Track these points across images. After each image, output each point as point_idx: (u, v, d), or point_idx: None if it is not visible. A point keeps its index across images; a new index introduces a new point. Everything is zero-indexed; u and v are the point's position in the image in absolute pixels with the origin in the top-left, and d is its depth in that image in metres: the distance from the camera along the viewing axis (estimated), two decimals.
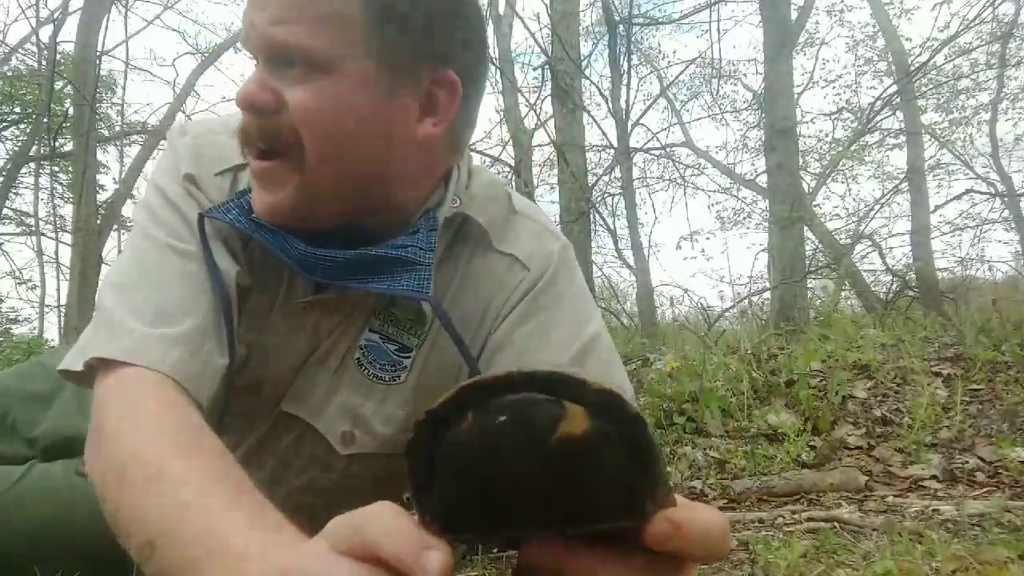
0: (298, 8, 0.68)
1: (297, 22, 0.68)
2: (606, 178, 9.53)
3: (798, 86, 9.81)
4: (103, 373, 0.69)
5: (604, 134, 9.80)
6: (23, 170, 11.15)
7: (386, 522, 0.34)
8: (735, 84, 12.45)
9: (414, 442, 0.33)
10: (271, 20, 0.68)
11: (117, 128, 10.91)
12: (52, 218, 12.22)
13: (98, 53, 7.51)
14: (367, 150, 0.75)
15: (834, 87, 11.94)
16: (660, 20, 10.51)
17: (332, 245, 0.75)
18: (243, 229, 0.76)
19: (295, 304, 0.81)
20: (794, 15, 8.24)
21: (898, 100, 8.89)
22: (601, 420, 0.31)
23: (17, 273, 11.55)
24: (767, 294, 7.32)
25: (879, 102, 8.86)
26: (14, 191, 11.36)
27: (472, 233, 0.84)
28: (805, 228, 7.12)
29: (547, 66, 7.62)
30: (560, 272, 0.85)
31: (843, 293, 6.94)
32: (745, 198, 12.24)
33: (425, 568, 0.32)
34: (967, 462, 1.65)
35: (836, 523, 1.23)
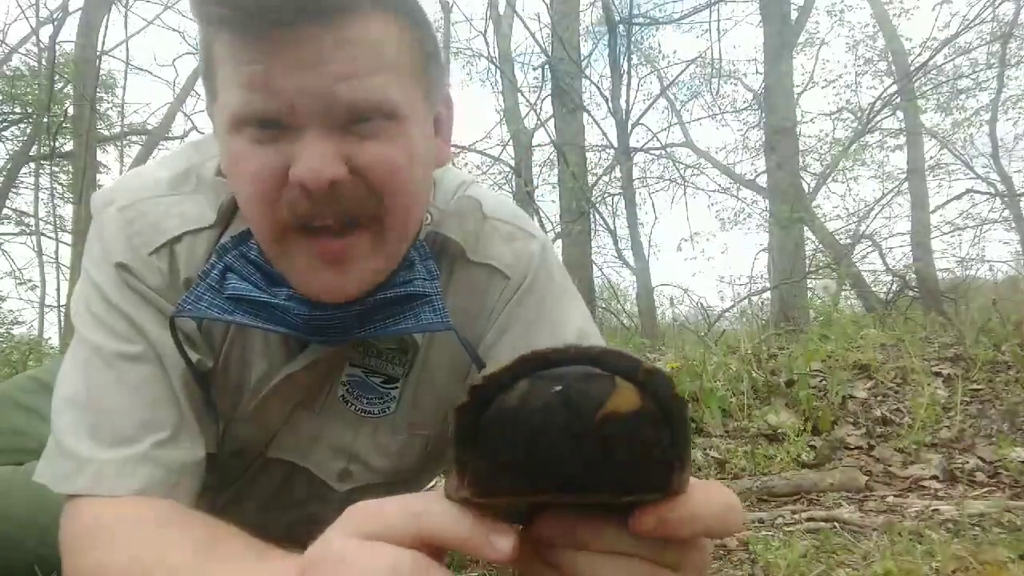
0: (365, 58, 0.61)
1: (372, 73, 0.61)
2: (606, 178, 9.53)
3: (798, 86, 9.82)
4: (69, 504, 0.66)
5: (604, 134, 9.79)
6: (23, 170, 11.15)
7: (443, 509, 0.36)
8: (735, 84, 12.45)
9: (465, 405, 0.35)
10: (336, 78, 0.59)
11: (117, 128, 10.91)
12: (52, 218, 12.22)
13: (98, 53, 7.51)
14: (426, 194, 0.72)
15: (834, 87, 11.96)
16: (660, 20, 10.52)
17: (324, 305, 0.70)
18: (221, 318, 0.69)
19: (288, 376, 0.76)
20: (794, 15, 8.25)
21: (898, 100, 8.89)
22: (648, 398, 0.33)
23: (17, 273, 11.54)
24: (767, 294, 7.33)
25: (879, 102, 8.86)
26: (14, 191, 11.37)
27: (448, 248, 0.81)
28: (805, 228, 7.12)
29: (547, 66, 7.62)
30: (540, 274, 0.83)
31: (843, 293, 6.94)
32: (745, 198, 12.24)
33: (496, 548, 0.35)
34: (967, 462, 1.65)
35: (836, 523, 1.23)
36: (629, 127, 9.25)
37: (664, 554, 0.38)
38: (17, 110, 11.42)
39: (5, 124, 11.70)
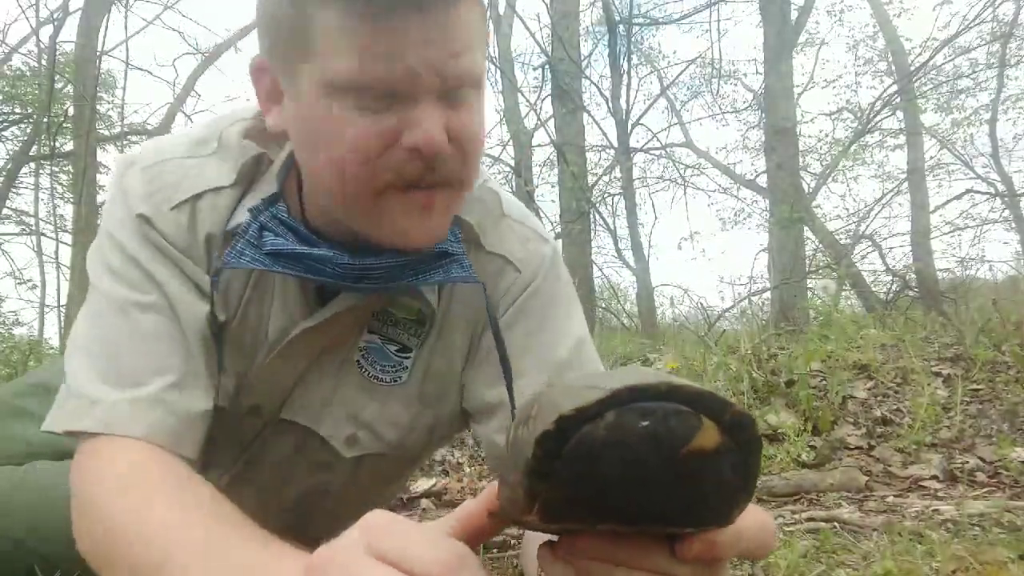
0: (469, 36, 0.67)
1: (472, 49, 0.67)
2: (606, 178, 9.54)
3: (798, 86, 9.81)
4: (80, 444, 0.69)
5: (604, 134, 9.80)
6: (23, 170, 11.15)
7: (429, 549, 0.36)
8: (735, 84, 12.46)
9: (549, 434, 0.34)
10: (450, 54, 0.65)
11: (117, 128, 10.91)
12: (52, 218, 12.22)
13: (98, 53, 7.51)
14: None
15: (834, 87, 11.96)
16: (660, 20, 10.52)
17: (366, 254, 0.74)
18: (266, 268, 0.74)
19: (306, 331, 0.79)
20: (794, 15, 8.25)
21: (898, 100, 8.89)
22: (729, 437, 0.34)
23: (17, 273, 11.54)
24: (767, 294, 7.32)
25: (879, 102, 8.86)
26: (14, 191, 11.37)
27: (465, 231, 0.83)
28: (805, 228, 7.12)
29: (547, 66, 7.62)
30: (549, 276, 0.87)
31: (843, 293, 6.94)
32: (745, 198, 12.25)
33: None
34: (967, 462, 1.65)
35: (836, 523, 1.23)
36: (629, 127, 9.26)
37: (697, 573, 0.39)
38: (17, 110, 11.42)
39: (5, 124, 11.70)
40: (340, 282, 0.74)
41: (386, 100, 0.66)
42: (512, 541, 1.14)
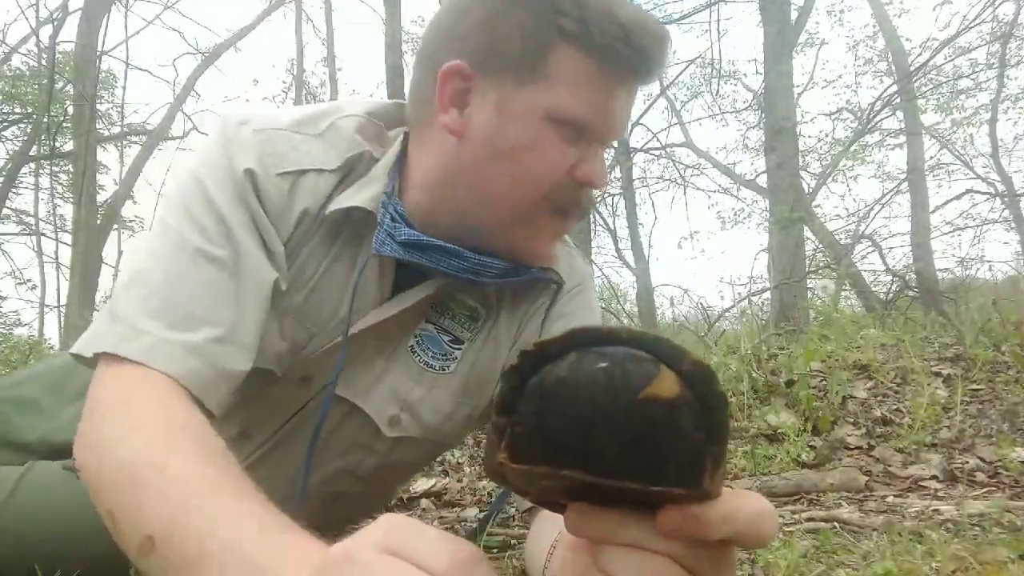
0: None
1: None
2: None
3: (798, 86, 9.82)
4: (106, 368, 0.68)
5: None
6: (23, 170, 11.15)
7: (445, 548, 0.36)
8: (735, 84, 12.47)
9: (513, 368, 0.36)
10: (629, 111, 0.81)
11: (117, 128, 10.91)
12: (52, 218, 12.22)
13: (98, 53, 7.51)
14: None
15: (834, 87, 11.98)
16: (660, 20, 10.51)
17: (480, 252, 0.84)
18: (403, 258, 0.81)
19: (379, 321, 0.84)
20: (794, 15, 8.24)
21: (898, 100, 8.88)
22: (689, 390, 0.34)
23: (17, 273, 11.54)
24: (767, 294, 7.32)
25: (879, 102, 8.86)
26: (14, 191, 11.37)
27: None
28: (805, 228, 7.12)
29: None
30: (587, 287, 0.98)
31: (843, 293, 6.94)
32: (745, 198, 12.25)
33: None
34: (967, 462, 1.65)
35: (836, 523, 1.23)
36: (629, 127, 9.25)
37: (690, 557, 0.37)
38: (17, 110, 11.43)
39: (5, 124, 11.70)
40: (462, 275, 0.82)
41: (580, 138, 0.78)
42: (512, 541, 1.14)
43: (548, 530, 0.67)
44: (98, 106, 8.67)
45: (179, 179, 0.79)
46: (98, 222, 7.83)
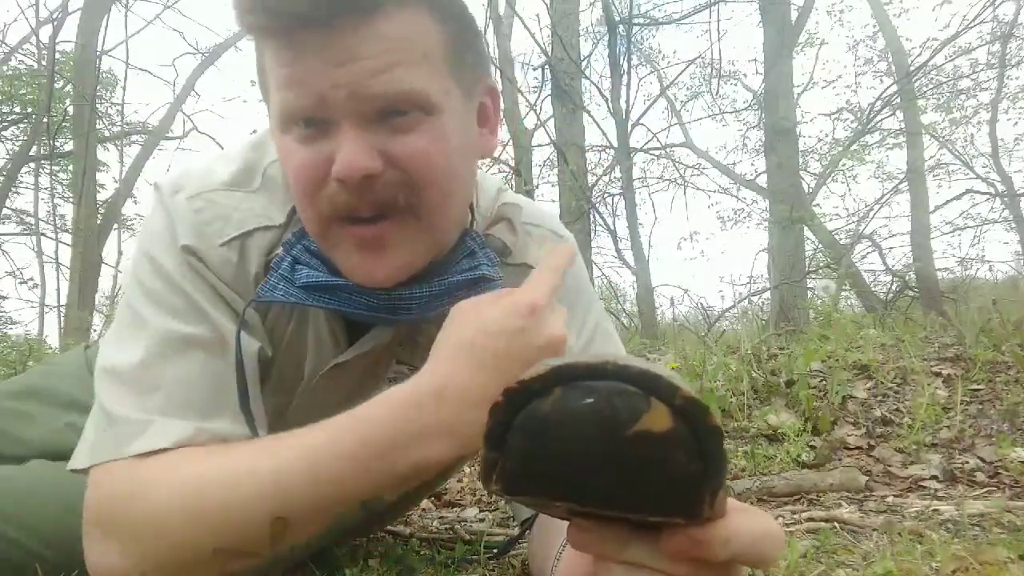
0: (397, 53, 0.62)
1: (403, 67, 0.62)
2: (606, 178, 9.52)
3: (798, 86, 9.82)
4: (103, 475, 0.66)
5: (604, 134, 9.82)
6: (23, 170, 11.14)
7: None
8: (735, 84, 12.46)
9: (498, 405, 0.35)
10: (368, 73, 0.61)
11: (117, 128, 10.91)
12: (52, 218, 12.22)
13: (98, 53, 7.51)
14: (467, 184, 0.75)
15: (834, 87, 11.97)
16: (660, 20, 10.51)
17: (400, 285, 0.73)
18: (299, 302, 0.72)
19: (337, 365, 0.79)
20: (794, 15, 8.24)
21: (898, 100, 8.88)
22: (683, 423, 0.33)
23: (17, 273, 11.53)
24: (767, 294, 7.32)
25: (879, 102, 8.87)
26: (14, 191, 11.36)
27: (497, 252, 0.84)
28: (805, 228, 7.12)
29: (547, 66, 7.61)
30: (569, 271, 0.88)
31: (843, 293, 6.94)
32: (745, 198, 12.24)
33: None
34: (967, 462, 1.65)
35: (836, 523, 1.23)
36: (629, 127, 9.25)
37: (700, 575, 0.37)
38: (17, 110, 11.42)
39: (5, 124, 11.70)
40: (375, 314, 0.73)
41: (314, 129, 0.64)
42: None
43: (555, 530, 0.68)
44: (98, 106, 8.67)
45: (135, 259, 0.76)
46: (98, 222, 7.84)
